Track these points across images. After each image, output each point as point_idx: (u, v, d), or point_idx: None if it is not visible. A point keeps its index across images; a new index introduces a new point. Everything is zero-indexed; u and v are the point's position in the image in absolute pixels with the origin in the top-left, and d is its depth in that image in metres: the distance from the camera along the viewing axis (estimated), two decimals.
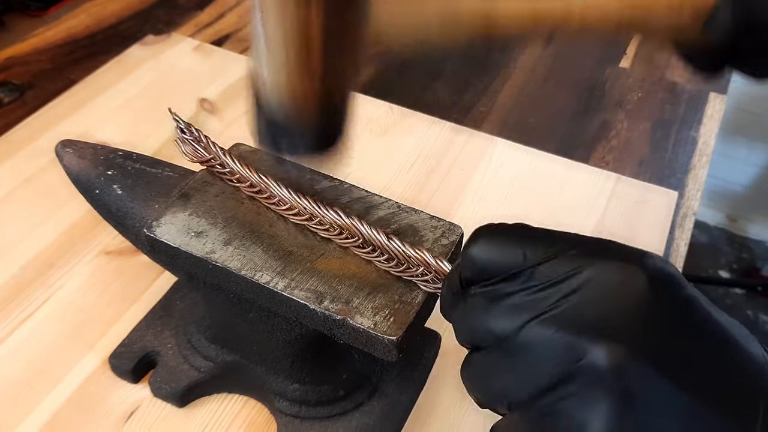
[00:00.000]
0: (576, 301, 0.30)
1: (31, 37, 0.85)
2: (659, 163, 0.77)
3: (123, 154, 0.49)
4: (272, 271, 0.41)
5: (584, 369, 0.28)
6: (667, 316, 0.30)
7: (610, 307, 0.29)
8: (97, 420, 0.50)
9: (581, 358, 0.29)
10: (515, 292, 0.31)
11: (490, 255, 0.33)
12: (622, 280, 0.30)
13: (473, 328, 0.32)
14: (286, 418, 0.50)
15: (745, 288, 1.85)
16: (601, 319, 0.29)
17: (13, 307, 0.57)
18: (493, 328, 0.31)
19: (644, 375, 0.28)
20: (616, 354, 0.28)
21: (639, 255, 0.31)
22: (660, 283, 0.30)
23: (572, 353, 0.29)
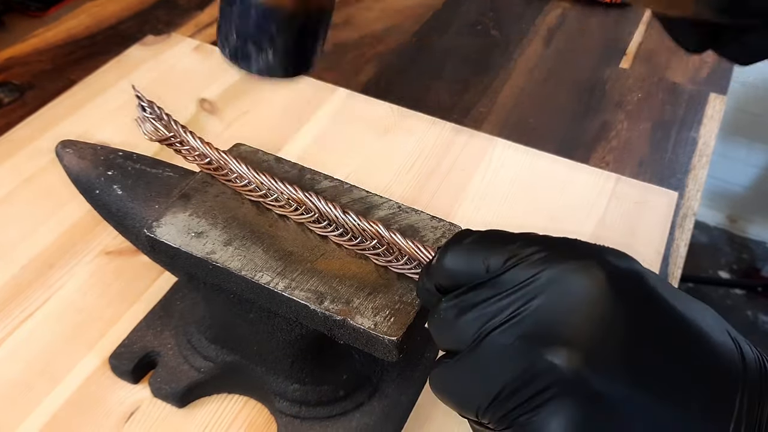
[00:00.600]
0: (536, 306, 0.30)
1: (31, 37, 0.85)
2: (659, 164, 0.77)
3: (123, 155, 0.49)
4: (273, 271, 0.41)
5: (544, 376, 0.29)
6: (629, 315, 0.29)
7: (568, 310, 0.29)
8: (97, 420, 0.50)
9: (541, 365, 0.29)
10: (482, 301, 0.31)
11: (458, 266, 0.33)
12: (580, 280, 0.30)
13: (445, 337, 0.33)
14: (287, 418, 0.50)
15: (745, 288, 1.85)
16: (560, 323, 0.29)
17: (13, 307, 0.57)
18: (460, 337, 0.32)
19: (605, 379, 0.28)
20: (573, 359, 0.28)
21: (597, 253, 0.31)
22: (619, 281, 0.30)
23: (532, 360, 0.29)
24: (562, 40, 0.95)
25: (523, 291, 0.30)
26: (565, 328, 0.29)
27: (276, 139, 0.74)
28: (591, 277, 0.30)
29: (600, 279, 0.30)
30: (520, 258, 0.31)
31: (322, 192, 0.46)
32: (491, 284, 0.31)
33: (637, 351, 0.29)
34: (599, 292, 0.29)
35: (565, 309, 0.29)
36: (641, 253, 0.66)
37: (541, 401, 0.29)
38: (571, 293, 0.30)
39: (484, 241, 0.33)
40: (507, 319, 0.30)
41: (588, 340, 0.29)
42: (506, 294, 0.31)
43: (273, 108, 0.78)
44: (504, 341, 0.30)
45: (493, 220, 0.68)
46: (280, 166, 0.48)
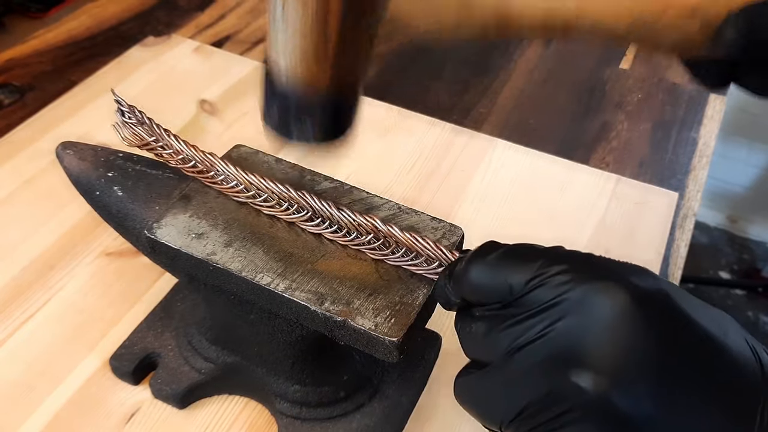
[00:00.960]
0: (562, 327, 0.30)
1: (32, 38, 0.85)
2: (659, 164, 0.77)
3: (123, 156, 0.49)
4: (273, 272, 0.41)
5: (569, 397, 0.29)
6: (653, 336, 0.29)
7: (593, 332, 0.30)
8: (97, 422, 0.50)
9: (566, 386, 0.29)
10: (511, 319, 0.32)
11: (483, 281, 0.34)
12: (604, 302, 0.30)
13: (474, 350, 0.34)
14: (287, 419, 0.50)
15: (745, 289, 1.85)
16: (585, 345, 0.30)
17: (14, 308, 0.57)
18: (489, 352, 0.33)
19: (629, 401, 0.28)
20: (598, 382, 0.29)
21: (624, 274, 0.31)
22: (643, 301, 0.30)
23: (557, 381, 0.29)
24: (562, 40, 0.95)
25: (549, 312, 0.31)
26: (590, 351, 0.29)
27: None
28: (615, 299, 0.30)
29: (624, 300, 0.30)
30: (543, 278, 0.31)
31: (322, 193, 0.46)
32: (518, 303, 0.32)
33: (661, 372, 0.29)
34: (623, 314, 0.29)
35: (590, 331, 0.30)
36: (641, 254, 0.67)
37: (565, 422, 0.29)
38: (596, 315, 0.30)
39: (509, 257, 0.34)
40: (535, 338, 0.31)
41: (612, 363, 0.29)
42: (533, 313, 0.31)
43: None
44: (531, 360, 0.31)
45: (493, 221, 0.68)
46: (280, 167, 0.48)
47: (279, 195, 0.43)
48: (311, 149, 0.38)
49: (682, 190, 0.74)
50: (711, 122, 0.83)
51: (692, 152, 0.79)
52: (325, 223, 0.43)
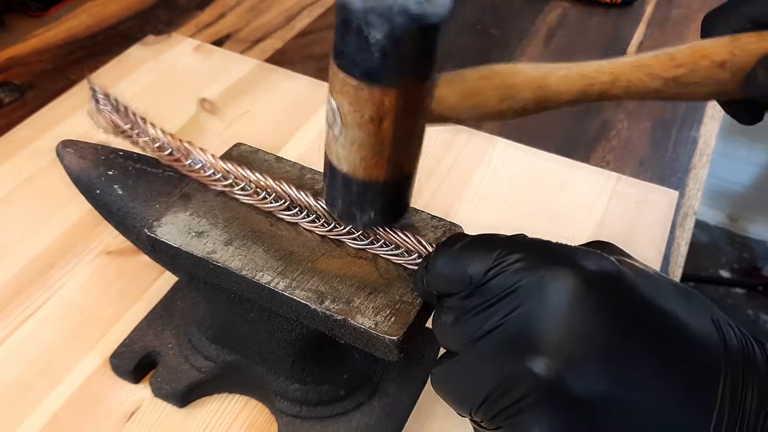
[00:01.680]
0: (517, 314, 0.31)
1: (32, 37, 0.85)
2: (660, 163, 0.77)
3: (124, 154, 0.49)
4: (273, 271, 0.41)
5: (524, 383, 0.30)
6: (604, 318, 0.30)
7: (545, 318, 0.30)
8: (97, 420, 0.50)
9: (521, 372, 0.30)
10: (473, 308, 0.33)
11: (446, 272, 0.36)
12: (555, 288, 0.31)
13: (444, 340, 0.35)
14: (287, 418, 0.50)
15: (745, 288, 1.85)
16: (538, 331, 0.31)
17: (14, 307, 0.57)
18: (457, 341, 0.34)
19: (582, 384, 0.29)
20: (551, 367, 0.30)
21: (572, 257, 0.32)
22: (596, 285, 0.31)
23: (514, 367, 0.30)
24: (563, 39, 0.95)
25: (506, 299, 0.32)
26: (542, 336, 0.30)
27: (276, 138, 0.74)
28: (565, 283, 0.31)
29: (574, 284, 0.30)
30: (501, 267, 0.33)
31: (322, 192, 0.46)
32: (479, 292, 0.33)
33: (611, 352, 0.30)
34: (573, 297, 0.30)
35: (542, 317, 0.31)
36: (642, 253, 0.66)
37: (524, 406, 0.30)
38: (548, 300, 0.31)
39: (470, 247, 0.35)
40: (494, 327, 0.32)
41: (564, 347, 0.30)
42: (493, 302, 0.32)
43: (273, 107, 0.78)
44: (491, 347, 0.32)
45: (493, 220, 0.68)
46: (281, 166, 0.48)
47: (256, 184, 0.44)
48: (370, 228, 0.42)
49: (682, 189, 0.74)
50: (711, 121, 0.83)
51: (692, 151, 0.79)
52: (303, 212, 0.44)
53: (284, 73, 0.83)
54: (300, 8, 0.95)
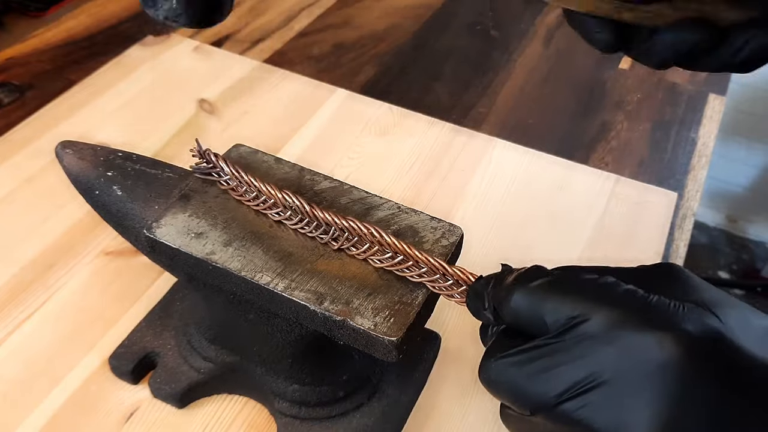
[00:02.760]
0: (608, 378, 0.29)
1: (31, 37, 0.85)
2: (659, 164, 0.77)
3: (123, 155, 0.49)
4: (272, 272, 0.41)
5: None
6: (708, 394, 0.28)
7: (644, 393, 0.28)
8: (96, 421, 0.50)
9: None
10: (547, 363, 0.30)
11: (522, 310, 0.33)
12: (657, 358, 0.28)
13: (508, 394, 0.32)
14: (286, 419, 0.50)
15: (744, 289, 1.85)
16: (635, 408, 0.28)
17: (13, 307, 0.57)
18: (527, 399, 0.31)
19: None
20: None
21: (674, 321, 0.29)
22: (700, 355, 0.28)
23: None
24: (562, 40, 0.95)
25: (593, 360, 0.29)
26: (638, 414, 0.28)
27: (275, 139, 0.74)
28: (667, 353, 0.28)
29: (677, 355, 0.28)
30: (587, 318, 0.30)
31: (321, 192, 0.46)
32: (558, 346, 0.30)
33: (722, 427, 0.28)
34: (677, 370, 0.28)
35: (640, 391, 0.28)
36: (641, 254, 0.67)
37: None
38: (642, 370, 0.28)
39: (556, 289, 0.32)
40: (580, 390, 0.29)
41: (664, 426, 0.28)
42: (574, 359, 0.30)
43: (272, 108, 0.78)
44: (578, 415, 0.29)
45: (493, 221, 0.68)
46: (280, 167, 0.48)
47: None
48: (177, 26, 0.35)
49: (681, 190, 0.74)
50: (710, 122, 0.83)
51: (691, 152, 0.79)
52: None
53: (283, 73, 0.83)
54: (299, 9, 0.95)
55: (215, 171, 0.45)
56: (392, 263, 0.41)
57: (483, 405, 0.53)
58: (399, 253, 0.41)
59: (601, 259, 0.65)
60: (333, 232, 0.43)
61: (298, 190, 0.46)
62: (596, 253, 0.65)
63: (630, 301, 0.31)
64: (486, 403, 0.53)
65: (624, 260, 0.65)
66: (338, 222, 0.42)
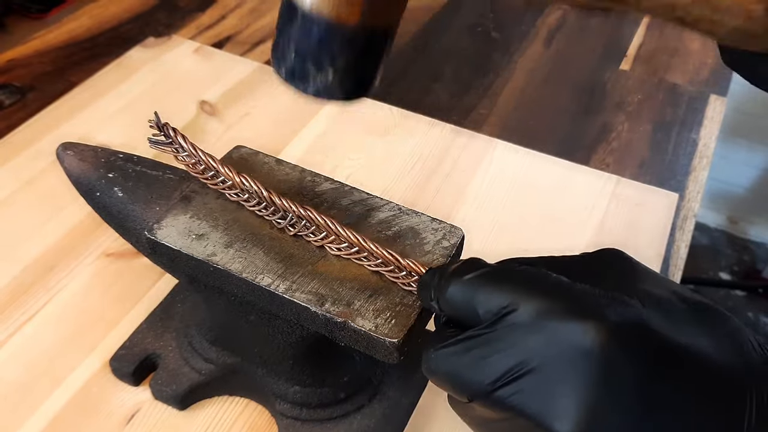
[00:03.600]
0: (537, 365, 0.30)
1: (32, 39, 0.85)
2: (660, 165, 0.77)
3: (124, 157, 0.49)
4: (273, 273, 0.41)
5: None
6: (631, 379, 0.29)
7: (569, 379, 0.29)
8: (98, 423, 0.50)
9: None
10: (480, 353, 0.32)
11: (457, 302, 0.34)
12: (581, 345, 0.29)
13: (447, 384, 0.34)
14: (287, 420, 0.50)
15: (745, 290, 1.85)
16: (560, 394, 0.29)
17: (14, 309, 0.57)
18: (463, 389, 0.33)
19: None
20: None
21: (598, 309, 0.30)
22: (619, 339, 0.29)
23: (538, 426, 0.29)
24: (563, 41, 0.95)
25: (522, 349, 0.30)
26: (564, 400, 0.29)
27: (276, 140, 0.74)
28: (591, 340, 0.29)
29: (601, 342, 0.29)
30: (518, 311, 0.31)
31: (322, 194, 0.46)
32: (489, 335, 0.32)
33: (643, 413, 0.29)
34: (600, 357, 0.29)
35: (565, 377, 0.29)
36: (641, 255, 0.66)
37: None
38: (571, 359, 0.29)
39: (485, 281, 0.33)
40: (511, 377, 0.30)
41: (588, 413, 0.29)
42: (504, 349, 0.31)
43: (273, 110, 0.78)
44: (509, 402, 0.30)
45: (494, 222, 0.68)
46: (281, 168, 0.48)
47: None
48: (328, 101, 0.34)
49: (682, 191, 0.74)
50: (711, 123, 0.83)
51: (692, 153, 0.79)
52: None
53: None
54: None
55: (174, 147, 0.45)
56: (349, 252, 0.42)
57: None
58: (353, 244, 0.41)
59: None
60: (290, 219, 0.43)
61: (299, 191, 0.46)
62: None
63: (557, 291, 0.32)
64: None
65: None
66: (295, 210, 0.42)
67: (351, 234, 0.41)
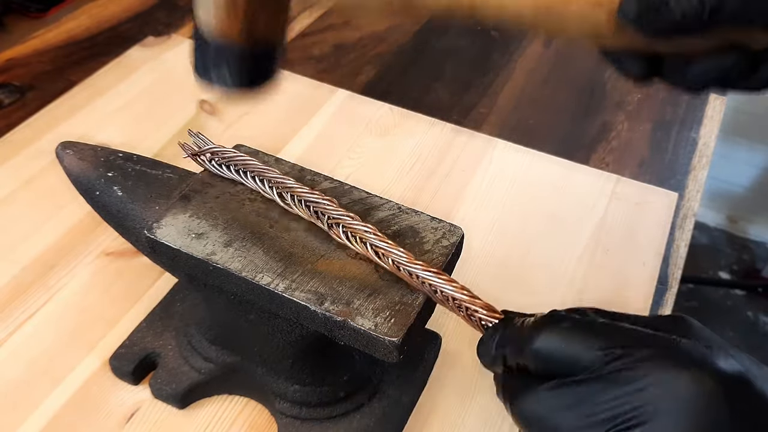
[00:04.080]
0: (648, 412, 0.29)
1: (32, 38, 0.85)
2: (659, 164, 0.77)
3: (123, 156, 0.49)
4: (273, 272, 0.41)
5: None
6: (742, 425, 0.29)
7: (682, 422, 0.29)
8: (97, 422, 0.50)
9: None
10: (586, 396, 0.31)
11: (554, 351, 0.33)
12: (691, 391, 0.29)
13: (545, 428, 0.32)
14: (287, 419, 0.50)
15: (745, 289, 1.85)
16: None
17: (14, 308, 0.57)
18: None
19: None
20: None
21: (706, 358, 0.30)
22: (731, 389, 0.29)
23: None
24: (562, 41, 0.95)
25: (631, 394, 0.30)
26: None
27: (276, 140, 0.74)
28: (702, 387, 0.29)
29: (711, 388, 0.29)
30: (624, 356, 0.31)
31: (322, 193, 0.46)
32: (596, 381, 0.31)
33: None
34: (712, 403, 0.29)
35: (678, 420, 0.29)
36: (641, 254, 0.67)
37: None
38: (684, 403, 0.29)
39: (583, 329, 0.33)
40: (618, 423, 0.30)
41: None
42: (613, 392, 0.30)
43: (273, 109, 0.78)
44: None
45: (494, 221, 0.68)
46: (281, 167, 0.48)
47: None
48: (229, 93, 0.42)
49: (681, 190, 0.74)
50: (711, 122, 0.83)
51: (692, 152, 0.79)
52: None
53: (284, 74, 0.83)
54: (300, 10, 0.95)
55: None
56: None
57: (483, 406, 0.53)
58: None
59: (602, 259, 0.65)
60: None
61: None
62: (596, 253, 0.65)
63: (661, 341, 0.31)
64: (486, 404, 0.53)
65: (624, 261, 0.65)
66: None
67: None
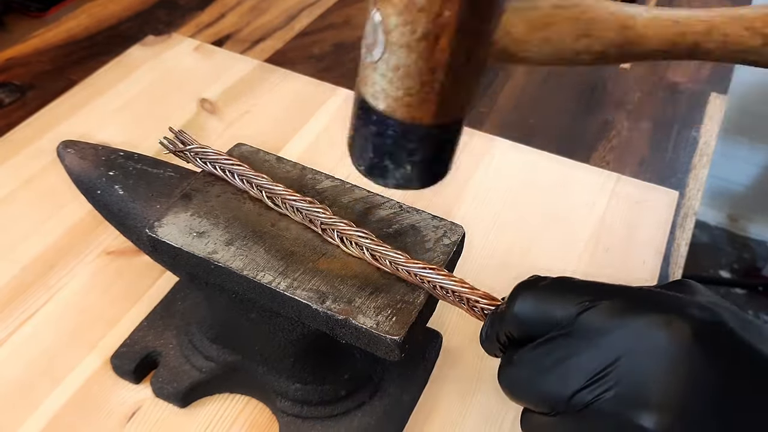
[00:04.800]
0: (622, 364, 0.29)
1: (32, 37, 0.85)
2: (660, 163, 0.77)
3: (124, 155, 0.49)
4: (274, 271, 0.41)
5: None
6: (717, 371, 0.29)
7: (655, 369, 0.29)
8: (98, 421, 0.50)
9: (631, 429, 0.29)
10: (561, 355, 0.31)
11: (529, 313, 0.33)
12: (665, 336, 0.29)
13: (524, 394, 0.33)
14: (288, 418, 0.50)
15: (745, 288, 1.85)
16: (647, 384, 0.29)
17: (15, 307, 0.57)
18: (545, 396, 0.31)
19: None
20: (664, 423, 0.28)
21: (681, 306, 0.30)
22: (705, 335, 0.29)
23: (622, 423, 0.29)
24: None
25: (606, 346, 0.30)
26: (653, 389, 0.29)
27: (277, 138, 0.74)
28: (676, 333, 0.29)
29: (686, 335, 0.29)
30: (599, 310, 0.31)
31: (323, 191, 0.46)
32: (569, 337, 0.31)
33: (727, 407, 0.28)
34: (686, 348, 0.29)
35: (652, 368, 0.29)
36: (642, 253, 0.67)
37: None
38: (657, 350, 0.29)
39: (557, 287, 0.33)
40: (594, 379, 0.30)
41: (678, 401, 0.28)
42: (587, 348, 0.30)
43: (274, 108, 0.78)
44: (594, 404, 0.30)
45: (494, 220, 0.68)
46: (281, 166, 0.48)
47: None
48: (404, 188, 0.36)
49: (682, 189, 0.74)
50: (711, 121, 0.83)
51: (693, 151, 0.79)
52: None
53: (284, 73, 0.83)
54: (300, 9, 0.95)
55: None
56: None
57: (484, 404, 0.53)
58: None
59: (602, 257, 0.65)
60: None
61: (300, 189, 0.46)
62: (597, 252, 0.65)
63: (634, 291, 0.32)
64: (487, 402, 0.53)
65: (624, 259, 0.65)
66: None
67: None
